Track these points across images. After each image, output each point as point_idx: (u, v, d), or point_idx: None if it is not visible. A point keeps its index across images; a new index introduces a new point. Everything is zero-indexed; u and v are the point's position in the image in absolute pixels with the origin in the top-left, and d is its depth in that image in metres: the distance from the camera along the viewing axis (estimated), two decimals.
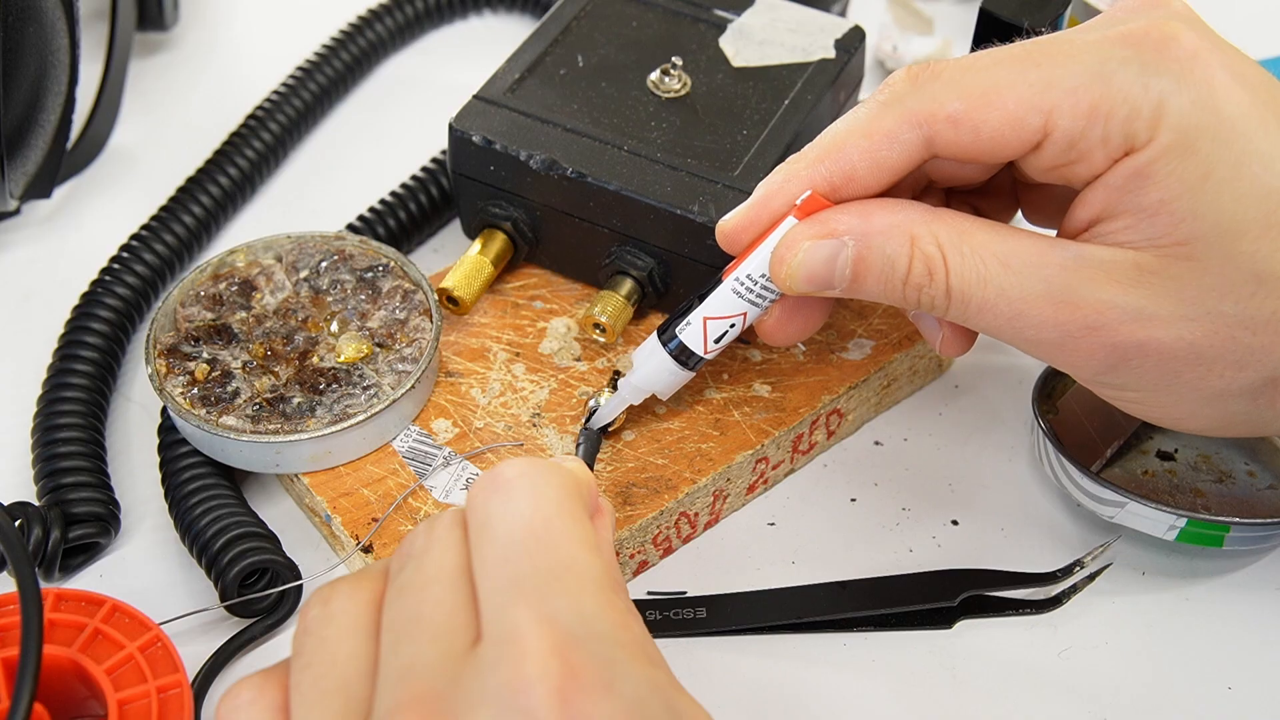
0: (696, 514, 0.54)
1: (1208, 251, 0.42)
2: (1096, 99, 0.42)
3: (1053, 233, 0.46)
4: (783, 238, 0.46)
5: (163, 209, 0.64)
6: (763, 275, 0.47)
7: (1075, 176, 0.44)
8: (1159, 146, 0.41)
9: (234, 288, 0.57)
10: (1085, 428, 0.55)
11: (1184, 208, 0.41)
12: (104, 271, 0.61)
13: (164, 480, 0.54)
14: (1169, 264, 0.42)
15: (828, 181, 0.45)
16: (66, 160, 0.65)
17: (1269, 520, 0.51)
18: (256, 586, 0.51)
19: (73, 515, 0.53)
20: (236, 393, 0.53)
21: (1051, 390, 0.56)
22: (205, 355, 0.55)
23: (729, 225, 0.47)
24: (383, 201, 0.64)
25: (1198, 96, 0.41)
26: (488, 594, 0.36)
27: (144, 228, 0.63)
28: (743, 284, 0.48)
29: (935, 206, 0.45)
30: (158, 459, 0.55)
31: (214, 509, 0.52)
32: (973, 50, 0.54)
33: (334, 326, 0.56)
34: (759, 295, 0.48)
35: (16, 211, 0.66)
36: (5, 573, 0.52)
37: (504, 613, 0.35)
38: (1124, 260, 0.43)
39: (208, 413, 0.53)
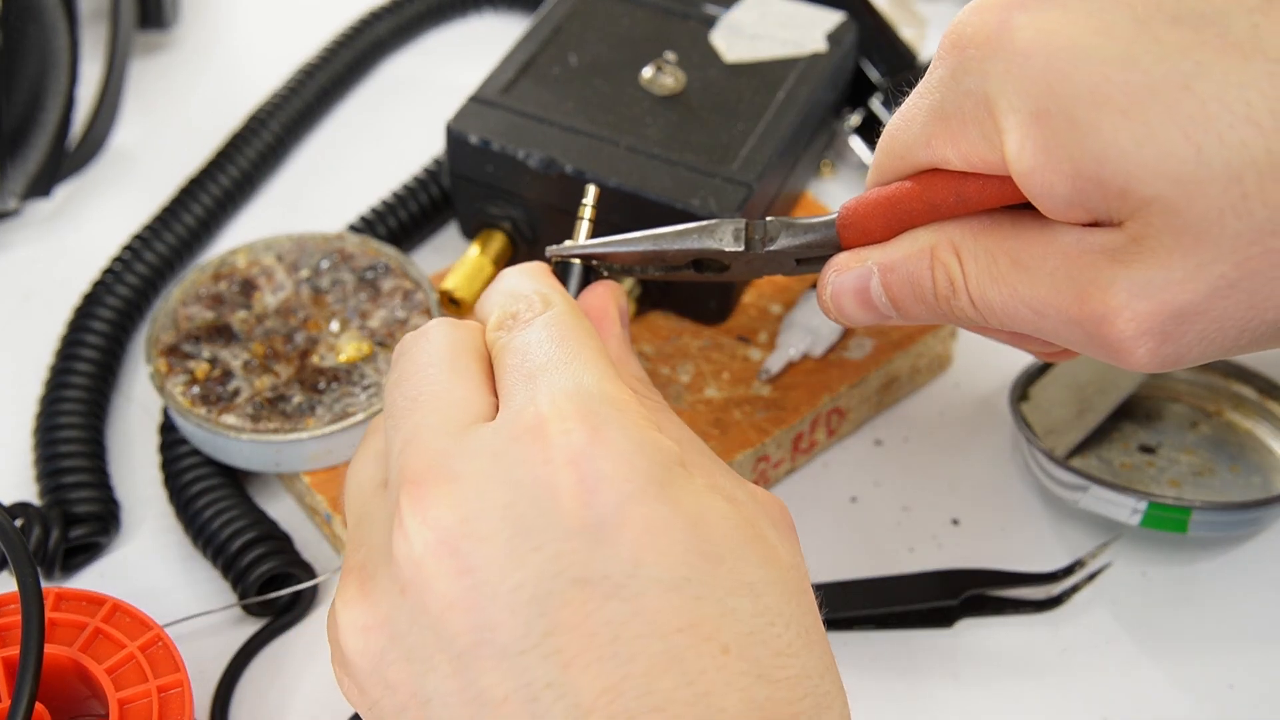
0: None
1: (1176, 190, 0.37)
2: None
3: None
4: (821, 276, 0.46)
5: (163, 209, 0.64)
6: None
7: None
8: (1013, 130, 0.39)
9: (234, 287, 0.57)
10: (1058, 415, 0.56)
11: (1124, 170, 0.37)
12: (105, 271, 0.61)
13: (168, 480, 0.54)
14: (1156, 221, 0.38)
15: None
16: (67, 160, 0.65)
17: (1232, 504, 0.51)
18: (271, 587, 0.52)
19: (73, 515, 0.53)
20: (237, 392, 0.54)
21: (1031, 380, 0.57)
22: (206, 354, 0.55)
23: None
24: (384, 201, 0.65)
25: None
26: (506, 385, 0.39)
27: (145, 228, 0.63)
28: None
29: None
30: (160, 459, 0.55)
31: (226, 509, 0.53)
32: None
33: (334, 326, 0.56)
34: None
35: (17, 211, 0.66)
36: (6, 572, 0.52)
37: (518, 390, 0.38)
38: (1117, 237, 0.39)
39: (208, 411, 0.53)
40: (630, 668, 0.34)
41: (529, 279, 0.43)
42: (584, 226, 0.47)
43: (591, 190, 0.47)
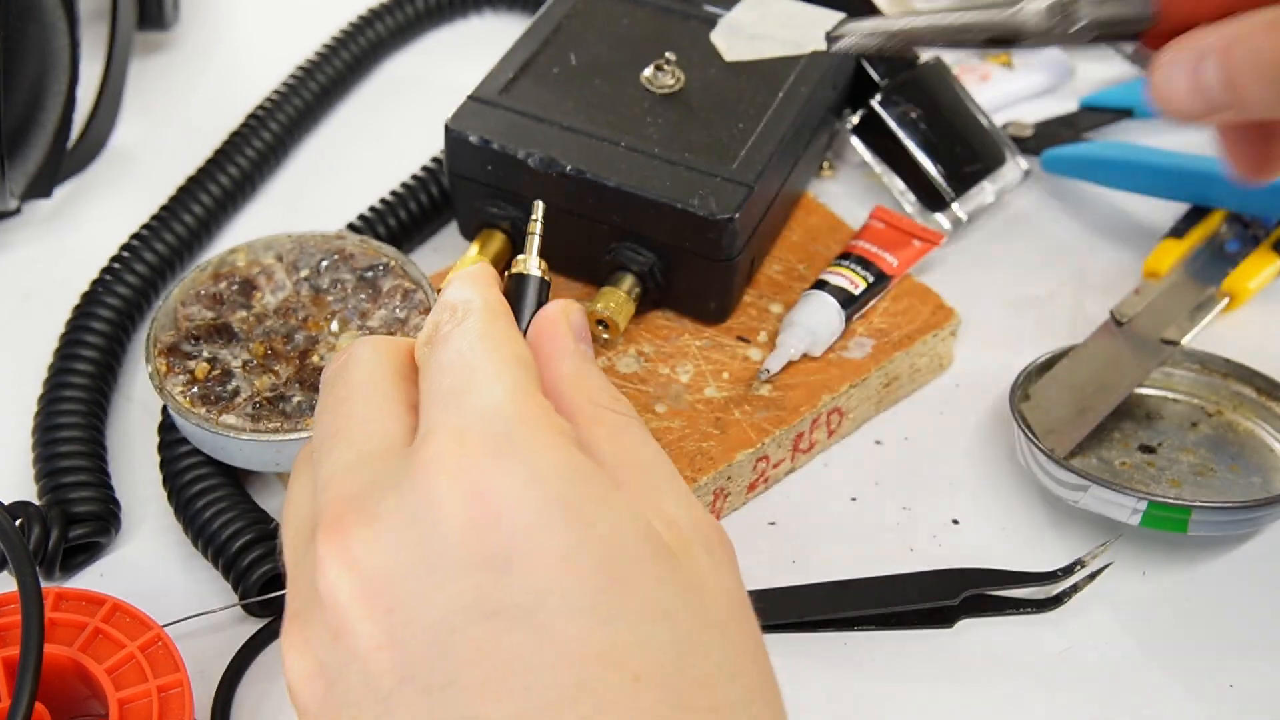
0: None
1: None
2: None
3: None
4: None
5: (163, 209, 0.64)
6: None
7: None
8: None
9: (234, 287, 0.57)
10: (1058, 415, 0.56)
11: None
12: (104, 271, 0.61)
13: (167, 480, 0.54)
14: None
15: None
16: (67, 160, 0.65)
17: (1231, 504, 0.51)
18: (272, 587, 0.52)
19: (73, 514, 0.53)
20: (236, 391, 0.53)
21: (1031, 380, 0.57)
22: (205, 354, 0.55)
23: None
24: (383, 201, 0.65)
25: None
26: (423, 408, 0.38)
27: (144, 227, 0.63)
28: None
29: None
30: (159, 458, 0.55)
31: (226, 509, 0.53)
32: None
33: (334, 325, 0.56)
34: None
35: (17, 211, 0.66)
36: (6, 572, 0.52)
37: (429, 415, 0.37)
38: None
39: (208, 411, 0.53)
40: (540, 698, 0.33)
41: (461, 286, 0.42)
42: (534, 242, 0.46)
43: (539, 206, 0.47)
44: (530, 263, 0.45)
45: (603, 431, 0.38)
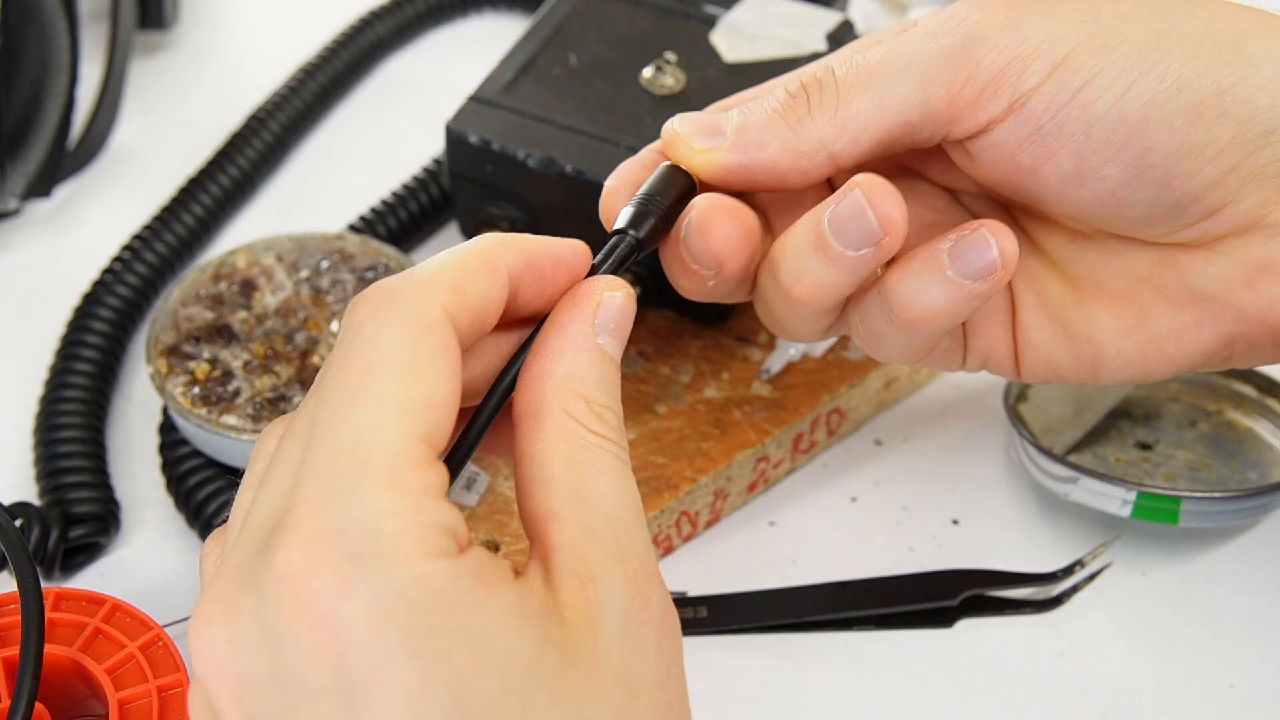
0: (697, 513, 0.54)
1: None
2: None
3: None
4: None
5: (163, 209, 0.64)
6: None
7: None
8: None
9: (234, 287, 0.57)
10: (1056, 415, 0.56)
11: None
12: (105, 271, 0.61)
13: (171, 480, 0.54)
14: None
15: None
16: (67, 160, 0.65)
17: (1222, 494, 0.51)
18: None
19: (73, 515, 0.53)
20: (237, 392, 0.54)
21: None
22: (206, 355, 0.55)
23: (615, 186, 0.43)
24: (383, 201, 0.65)
25: None
26: (300, 468, 0.34)
27: (145, 228, 0.63)
28: None
29: None
30: (160, 459, 0.55)
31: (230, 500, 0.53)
32: None
33: (334, 326, 0.56)
34: None
35: (17, 211, 0.66)
36: (6, 572, 0.52)
37: (292, 491, 0.33)
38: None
39: (208, 412, 0.53)
40: None
41: (441, 255, 0.36)
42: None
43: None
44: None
45: (563, 450, 0.35)
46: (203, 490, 0.53)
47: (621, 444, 0.36)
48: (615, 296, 0.37)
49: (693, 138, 0.42)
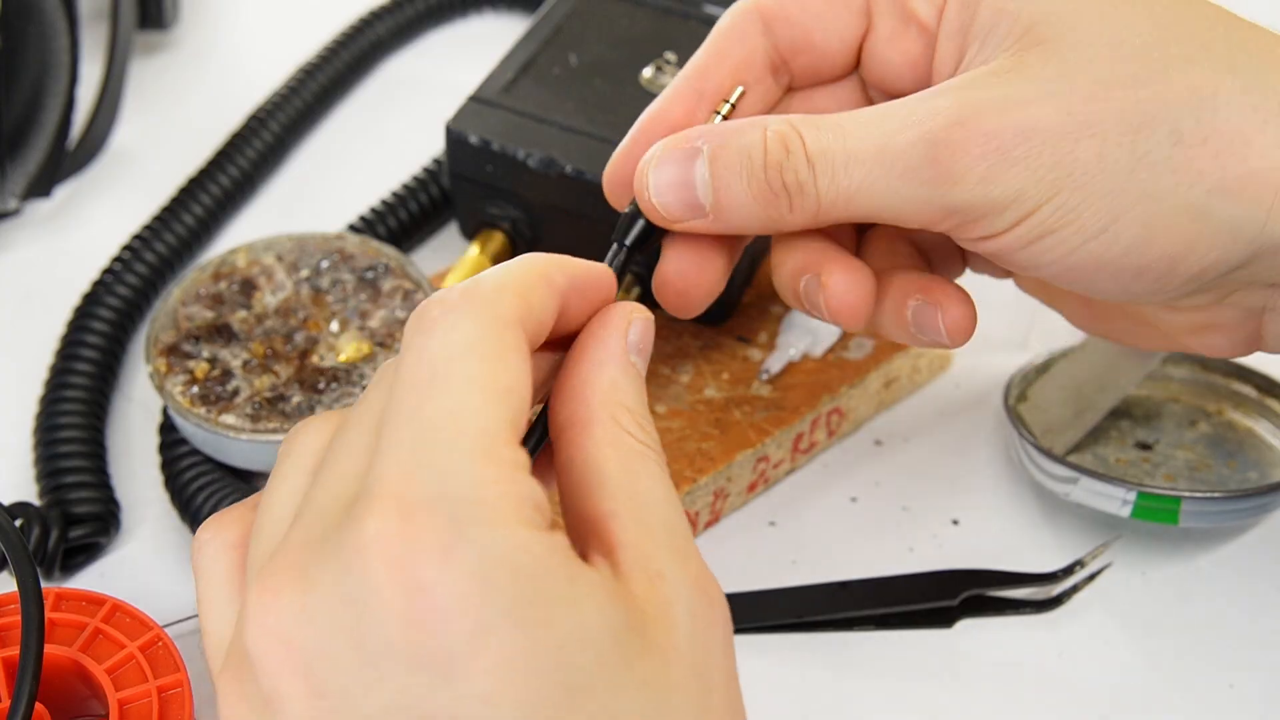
0: (697, 513, 0.54)
1: (1055, 29, 0.40)
2: None
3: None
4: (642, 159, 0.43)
5: (163, 209, 0.64)
6: None
7: (923, 53, 0.43)
8: None
9: (234, 287, 0.57)
10: (1056, 415, 0.56)
11: (1016, 3, 0.41)
12: (105, 271, 0.61)
13: (170, 479, 0.54)
14: (1023, 56, 0.40)
15: (695, 91, 0.44)
16: (67, 160, 0.65)
17: (1222, 494, 0.51)
18: None
19: (73, 515, 0.53)
20: (236, 391, 0.54)
21: (1029, 381, 0.57)
22: (205, 354, 0.55)
23: (613, 165, 0.44)
24: (383, 201, 0.65)
25: None
26: (379, 446, 0.33)
27: (145, 228, 0.63)
28: None
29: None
30: (160, 459, 0.55)
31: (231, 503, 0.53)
32: None
33: (334, 326, 0.56)
34: None
35: (17, 211, 0.66)
36: (6, 572, 0.52)
37: (374, 466, 0.33)
38: (978, 74, 0.41)
39: (207, 411, 0.53)
40: None
41: (494, 270, 0.36)
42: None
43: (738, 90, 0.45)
44: None
45: (615, 456, 0.36)
46: (201, 493, 0.53)
47: (662, 454, 0.37)
48: (642, 319, 0.39)
49: (669, 210, 0.42)
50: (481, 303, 0.35)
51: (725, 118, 0.44)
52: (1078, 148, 0.39)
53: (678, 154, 0.42)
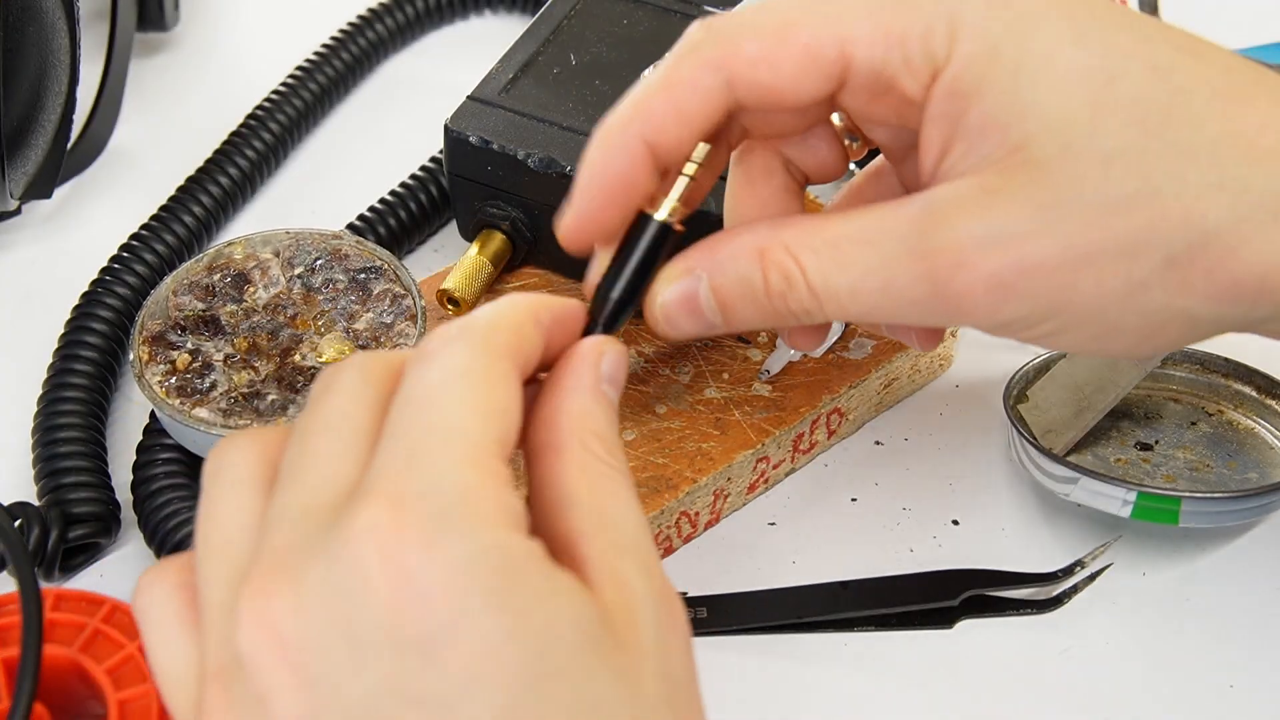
0: (697, 513, 0.54)
1: (1045, 149, 0.40)
2: (889, 22, 0.40)
3: None
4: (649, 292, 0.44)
5: (163, 209, 0.64)
6: None
7: (901, 115, 0.42)
8: (962, 57, 0.40)
9: (228, 279, 0.57)
10: (1056, 415, 0.56)
11: (1006, 113, 0.40)
12: (104, 271, 0.61)
13: (137, 483, 0.54)
14: (1012, 175, 0.40)
15: (641, 141, 0.43)
16: (67, 160, 0.65)
17: (1222, 494, 0.51)
18: None
19: (73, 515, 0.53)
20: (214, 385, 0.53)
21: (1029, 381, 0.57)
22: (189, 345, 0.54)
23: (569, 227, 0.44)
24: (383, 201, 0.64)
25: None
26: (376, 456, 0.35)
27: (144, 227, 0.63)
28: None
29: (784, 216, 0.45)
30: (134, 459, 0.55)
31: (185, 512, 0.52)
32: None
33: (320, 324, 0.56)
34: None
35: (17, 211, 0.66)
36: (5, 573, 0.52)
37: (370, 472, 0.35)
38: (969, 189, 0.40)
39: (181, 403, 0.53)
40: None
41: (489, 307, 0.39)
42: (681, 184, 0.43)
43: (703, 148, 0.43)
44: (663, 205, 0.42)
45: (584, 479, 0.37)
46: (164, 510, 0.53)
47: (630, 477, 0.39)
48: (614, 352, 0.40)
49: (682, 329, 0.44)
50: (476, 336, 0.37)
51: (692, 178, 0.43)
52: (1076, 278, 0.40)
53: (679, 279, 0.43)
